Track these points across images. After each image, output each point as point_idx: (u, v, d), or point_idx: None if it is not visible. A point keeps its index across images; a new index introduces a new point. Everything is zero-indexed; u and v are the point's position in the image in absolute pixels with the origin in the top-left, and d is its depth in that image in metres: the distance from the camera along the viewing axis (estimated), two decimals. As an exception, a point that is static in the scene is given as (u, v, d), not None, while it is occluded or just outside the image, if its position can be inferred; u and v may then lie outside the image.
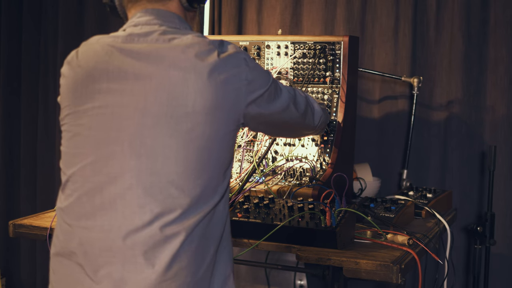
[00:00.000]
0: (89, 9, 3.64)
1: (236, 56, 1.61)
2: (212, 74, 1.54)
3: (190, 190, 1.52)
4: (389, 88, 3.06)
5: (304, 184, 2.23)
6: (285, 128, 1.91)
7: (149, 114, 1.52)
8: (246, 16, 3.29)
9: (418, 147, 3.00)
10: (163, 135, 1.52)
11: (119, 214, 1.50)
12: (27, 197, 3.87)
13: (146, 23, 1.63)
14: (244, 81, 1.60)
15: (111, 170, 1.53)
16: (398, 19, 3.01)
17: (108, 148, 1.54)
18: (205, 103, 1.53)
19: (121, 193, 1.51)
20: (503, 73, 2.86)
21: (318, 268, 2.08)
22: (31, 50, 3.82)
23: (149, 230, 1.48)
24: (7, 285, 3.89)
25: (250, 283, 2.97)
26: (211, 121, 1.54)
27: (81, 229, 1.54)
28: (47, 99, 3.78)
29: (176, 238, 1.49)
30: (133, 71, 1.55)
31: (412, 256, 1.94)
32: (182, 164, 1.52)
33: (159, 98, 1.52)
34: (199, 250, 1.52)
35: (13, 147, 3.90)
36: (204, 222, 1.53)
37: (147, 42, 1.59)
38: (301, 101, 1.88)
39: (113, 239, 1.50)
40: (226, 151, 1.60)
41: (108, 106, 1.56)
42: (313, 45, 2.41)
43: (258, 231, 2.01)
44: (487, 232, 2.67)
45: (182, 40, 1.58)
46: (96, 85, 1.58)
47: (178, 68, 1.54)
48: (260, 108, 1.67)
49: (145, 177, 1.51)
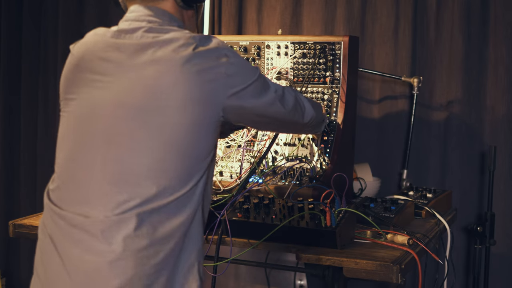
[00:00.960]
0: (89, 8, 3.64)
1: (215, 50, 1.64)
2: (185, 66, 1.59)
3: (155, 180, 1.57)
4: (389, 88, 3.06)
5: (304, 184, 2.23)
6: (270, 123, 1.88)
7: (122, 106, 1.60)
8: (246, 16, 3.29)
9: (418, 147, 3.00)
10: (133, 127, 1.59)
11: (87, 200, 1.59)
12: (27, 197, 3.87)
13: (134, 19, 1.70)
14: (223, 74, 1.63)
15: (83, 159, 1.62)
16: (398, 19, 3.01)
17: (83, 137, 1.64)
18: (177, 96, 1.58)
19: (90, 181, 1.60)
20: (503, 73, 2.86)
21: (318, 268, 2.08)
22: (31, 49, 3.82)
23: (112, 216, 1.56)
24: (7, 285, 3.89)
25: (250, 283, 2.97)
26: (183, 114, 1.59)
27: (56, 212, 1.64)
28: (47, 98, 3.77)
29: (134, 221, 1.55)
30: (114, 65, 1.64)
31: (412, 256, 1.94)
32: (149, 155, 1.58)
33: (134, 92, 1.60)
34: (159, 236, 1.57)
35: (13, 146, 3.90)
36: (166, 211, 1.58)
37: (132, 38, 1.66)
38: (289, 99, 1.86)
39: (80, 222, 1.58)
40: (202, 143, 1.63)
41: (88, 97, 1.65)
42: (313, 45, 2.41)
43: (258, 231, 2.01)
44: (487, 232, 2.67)
45: (164, 36, 1.64)
46: (81, 74, 1.67)
47: (155, 62, 1.60)
48: (242, 101, 1.68)
49: (112, 166, 1.59)
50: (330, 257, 1.90)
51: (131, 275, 1.54)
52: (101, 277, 1.54)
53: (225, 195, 2.09)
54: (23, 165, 3.87)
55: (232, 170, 2.40)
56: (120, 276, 1.54)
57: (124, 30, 1.68)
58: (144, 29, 1.66)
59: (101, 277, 1.54)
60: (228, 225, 2.00)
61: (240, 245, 2.05)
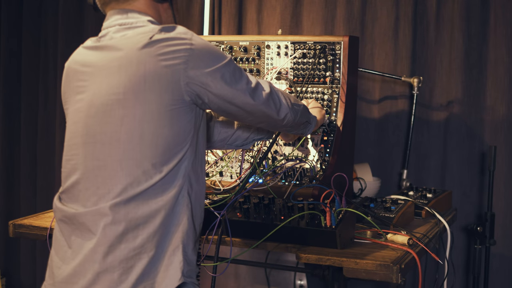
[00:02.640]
0: (89, 7, 3.62)
1: (175, 38, 1.68)
2: (141, 56, 1.66)
3: (127, 171, 1.68)
4: (389, 88, 3.06)
5: (304, 184, 2.23)
6: (239, 113, 1.85)
7: (93, 105, 1.73)
8: (246, 16, 3.29)
9: (418, 147, 3.00)
10: (100, 123, 1.71)
11: (76, 197, 1.76)
12: (27, 197, 3.87)
13: (107, 25, 1.80)
14: (182, 59, 1.66)
15: (72, 159, 1.78)
16: (398, 19, 3.01)
17: (72, 140, 1.79)
18: (134, 86, 1.67)
19: (76, 178, 1.76)
20: (503, 73, 2.86)
21: (318, 268, 2.08)
22: (31, 49, 3.82)
23: (93, 209, 1.71)
24: (7, 285, 3.89)
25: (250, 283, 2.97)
26: (142, 103, 1.67)
27: (60, 207, 1.81)
28: (47, 98, 3.78)
29: (112, 211, 1.68)
30: (90, 69, 1.76)
31: (412, 256, 1.94)
32: (118, 147, 1.69)
33: (101, 90, 1.72)
34: (135, 222, 1.68)
35: (13, 146, 3.91)
36: (142, 198, 1.68)
37: (105, 41, 1.77)
38: (261, 93, 1.84)
39: (73, 215, 1.75)
40: (170, 130, 1.69)
41: (75, 104, 1.79)
42: (313, 45, 2.41)
43: (258, 231, 2.01)
44: (487, 232, 2.67)
45: (130, 33, 1.73)
46: (70, 84, 1.83)
47: (117, 58, 1.70)
48: (205, 86, 1.70)
49: (89, 162, 1.73)
50: (330, 257, 1.90)
51: (111, 260, 1.68)
52: (87, 262, 1.69)
53: (225, 195, 2.09)
54: (23, 165, 3.87)
55: (232, 170, 2.40)
56: (101, 261, 1.68)
57: (101, 36, 1.80)
58: (113, 30, 1.76)
59: (87, 262, 1.69)
60: (228, 225, 2.00)
61: (240, 245, 2.05)
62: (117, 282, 1.67)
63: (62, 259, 1.76)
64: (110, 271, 1.68)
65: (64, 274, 1.73)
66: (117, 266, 1.68)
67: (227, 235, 2.01)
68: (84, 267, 1.70)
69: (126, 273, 1.68)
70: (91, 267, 1.69)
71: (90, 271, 1.69)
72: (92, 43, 1.81)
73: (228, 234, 2.01)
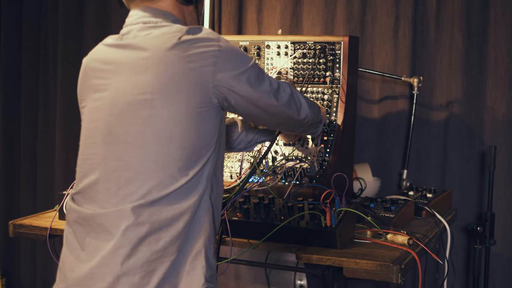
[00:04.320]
0: (89, 7, 3.64)
1: (203, 38, 1.66)
2: (170, 56, 1.63)
3: (152, 173, 1.63)
4: (389, 88, 3.06)
5: (304, 184, 2.23)
6: (263, 116, 1.86)
7: (116, 104, 1.68)
8: (246, 16, 3.29)
9: (418, 147, 3.00)
10: (125, 123, 1.66)
11: (94, 197, 1.70)
12: (27, 197, 3.87)
13: (131, 23, 1.76)
14: (210, 61, 1.64)
15: (90, 158, 1.73)
16: (398, 19, 3.01)
17: (90, 139, 1.74)
18: (162, 87, 1.63)
19: (95, 178, 1.70)
20: (503, 73, 2.87)
21: (318, 268, 2.08)
22: (31, 49, 3.82)
23: (113, 210, 1.65)
24: (7, 285, 3.89)
25: (250, 283, 2.97)
26: (170, 105, 1.63)
27: (74, 208, 1.75)
28: (47, 97, 3.78)
29: (134, 213, 1.63)
30: (112, 67, 1.72)
31: (412, 256, 1.94)
32: (143, 148, 1.64)
33: (126, 89, 1.67)
34: (158, 225, 1.63)
35: (13, 146, 3.91)
36: (166, 201, 1.64)
37: (128, 39, 1.73)
38: (284, 94, 1.85)
39: (90, 216, 1.69)
40: (198, 133, 1.66)
41: (94, 102, 1.74)
42: (313, 45, 2.41)
43: (258, 231, 2.01)
44: (487, 232, 2.67)
45: (155, 32, 1.69)
46: (88, 82, 1.77)
47: (143, 58, 1.66)
48: (233, 88, 1.69)
49: (111, 162, 1.68)
50: (330, 257, 1.90)
51: (132, 263, 1.62)
52: (106, 265, 1.63)
53: (225, 195, 2.09)
54: (23, 165, 3.87)
55: (232, 170, 2.40)
56: (122, 263, 1.62)
57: (123, 33, 1.75)
58: (137, 29, 1.72)
59: (106, 265, 1.63)
60: (228, 225, 2.00)
61: (240, 245, 2.05)
62: (138, 285, 1.62)
63: (75, 262, 1.70)
64: (131, 274, 1.62)
65: (79, 276, 1.67)
66: (138, 269, 1.62)
67: (227, 235, 2.01)
68: (102, 269, 1.63)
69: (147, 277, 1.62)
70: (111, 269, 1.62)
71: (109, 273, 1.62)
72: (113, 41, 1.76)
73: (228, 234, 2.01)
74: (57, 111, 3.71)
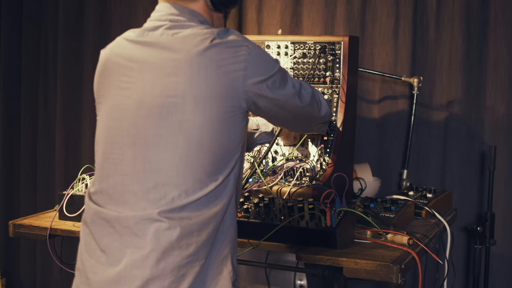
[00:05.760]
0: (89, 8, 3.64)
1: (233, 42, 1.64)
2: (202, 61, 1.60)
3: (183, 178, 1.60)
4: (389, 88, 3.06)
5: (304, 184, 2.23)
6: (288, 117, 1.88)
7: (144, 105, 1.63)
8: (246, 16, 3.29)
9: (418, 147, 3.00)
10: (154, 125, 1.62)
11: (119, 199, 1.65)
12: (27, 197, 3.87)
13: (157, 18, 1.72)
14: (242, 65, 1.62)
15: (114, 158, 1.67)
16: (398, 19, 3.01)
17: (113, 138, 1.68)
18: (195, 92, 1.59)
19: (121, 179, 1.65)
20: (503, 73, 2.87)
21: (318, 268, 2.08)
22: (31, 49, 3.81)
23: (141, 214, 1.61)
24: (7, 285, 3.89)
25: (250, 283, 2.97)
26: (202, 109, 1.60)
27: (95, 209, 1.70)
28: (47, 97, 3.77)
29: (164, 217, 1.59)
30: (138, 64, 1.67)
31: (412, 256, 1.94)
32: (174, 152, 1.60)
33: (154, 90, 1.62)
34: (189, 229, 1.60)
35: (13, 146, 3.90)
36: (196, 206, 1.61)
37: (154, 37, 1.68)
38: (306, 94, 1.87)
39: (115, 218, 1.64)
40: (228, 138, 1.64)
41: (116, 98, 1.69)
42: (313, 45, 2.41)
43: (258, 231, 2.01)
44: (487, 232, 2.67)
45: (184, 32, 1.65)
46: (109, 77, 1.71)
47: (173, 60, 1.62)
48: (263, 92, 1.68)
49: (139, 165, 1.63)
50: (330, 257, 1.90)
51: (163, 267, 1.58)
52: (135, 268, 1.59)
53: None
54: (23, 165, 3.87)
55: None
56: (152, 267, 1.58)
57: (147, 29, 1.70)
58: (165, 26, 1.68)
59: (135, 268, 1.59)
60: (228, 225, 2.00)
61: (240, 245, 2.04)
62: None
63: (96, 264, 1.66)
64: (161, 278, 1.58)
65: (103, 279, 1.63)
66: (168, 274, 1.58)
67: (227, 235, 2.01)
68: (130, 273, 1.59)
69: (177, 281, 1.59)
70: (140, 273, 1.58)
71: (138, 277, 1.58)
72: (136, 37, 1.71)
73: (228, 234, 2.00)
74: (57, 111, 3.71)
